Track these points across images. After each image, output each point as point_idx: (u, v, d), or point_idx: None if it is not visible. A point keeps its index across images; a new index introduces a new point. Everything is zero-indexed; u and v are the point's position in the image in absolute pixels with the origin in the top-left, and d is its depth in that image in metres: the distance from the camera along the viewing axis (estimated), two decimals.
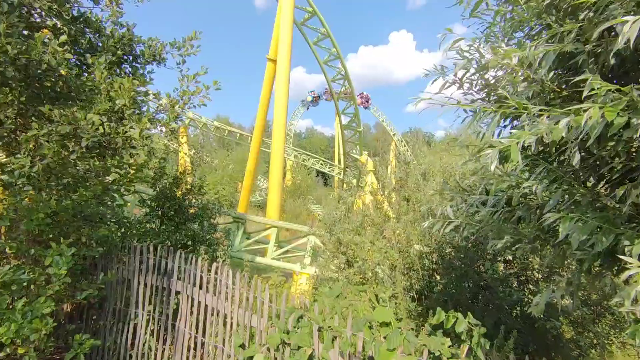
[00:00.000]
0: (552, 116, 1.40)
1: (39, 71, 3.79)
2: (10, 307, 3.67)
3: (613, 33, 1.52)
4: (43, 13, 4.24)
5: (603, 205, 1.61)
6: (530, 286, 6.24)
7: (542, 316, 5.01)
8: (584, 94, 1.38)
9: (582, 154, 1.57)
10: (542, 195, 1.63)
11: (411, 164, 6.97)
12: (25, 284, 3.89)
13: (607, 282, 1.76)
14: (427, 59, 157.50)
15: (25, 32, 4.12)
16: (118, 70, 4.65)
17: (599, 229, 1.48)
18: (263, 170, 44.91)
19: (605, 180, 1.79)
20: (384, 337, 2.31)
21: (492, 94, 2.69)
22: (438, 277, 6.06)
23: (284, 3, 16.69)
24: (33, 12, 4.22)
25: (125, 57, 4.80)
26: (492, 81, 2.64)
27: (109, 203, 4.93)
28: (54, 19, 4.35)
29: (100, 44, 4.68)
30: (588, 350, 5.74)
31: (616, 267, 1.78)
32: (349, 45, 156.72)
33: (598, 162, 1.68)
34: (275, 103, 16.17)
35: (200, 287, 4.83)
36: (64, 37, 3.65)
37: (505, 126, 3.38)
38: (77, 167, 4.39)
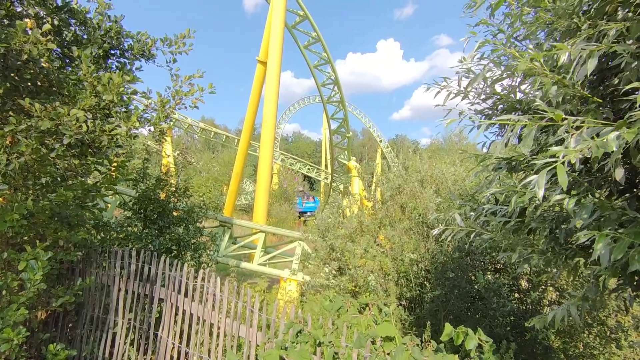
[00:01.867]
0: (591, 128, 1.31)
1: (18, 62, 3.53)
2: None
3: None
4: (25, 1, 3.98)
5: (632, 219, 1.53)
6: (517, 295, 6.25)
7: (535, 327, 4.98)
8: (639, 102, 1.29)
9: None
10: (572, 209, 1.54)
11: (408, 170, 6.90)
12: None
13: (626, 297, 1.69)
14: (413, 67, 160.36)
15: (6, 22, 3.85)
16: (104, 65, 4.41)
17: (631, 247, 1.40)
18: (249, 173, 44.43)
19: (635, 194, 1.73)
20: (388, 354, 2.18)
21: (500, 103, 2.63)
22: (430, 286, 5.99)
23: (276, 5, 16.58)
24: (14, 0, 3.97)
25: (112, 51, 4.56)
26: (501, 90, 2.57)
27: (89, 204, 4.65)
28: (37, 8, 4.09)
29: (86, 36, 4.43)
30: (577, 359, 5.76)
31: (635, 282, 1.72)
32: (337, 52, 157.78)
33: (629, 177, 1.62)
34: (265, 105, 15.96)
35: (186, 295, 4.60)
36: (47, 26, 3.41)
37: (499, 134, 3.35)
38: (57, 166, 4.12)
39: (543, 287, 6.04)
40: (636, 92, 1.49)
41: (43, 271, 3.64)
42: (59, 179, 4.29)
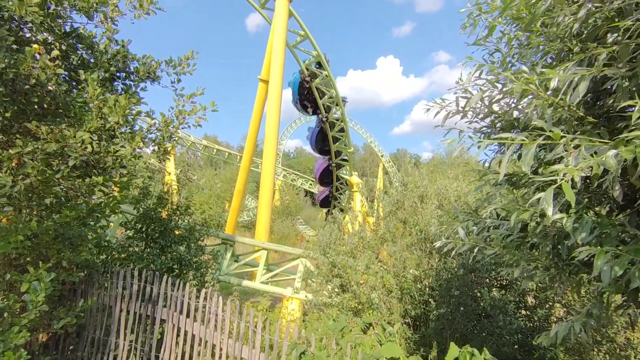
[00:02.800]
0: (587, 146, 1.34)
1: (26, 86, 3.62)
2: None
3: None
4: (34, 28, 4.12)
5: (632, 236, 1.54)
6: (523, 312, 6.15)
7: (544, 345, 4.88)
8: (634, 119, 1.32)
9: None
10: (571, 227, 1.56)
11: (408, 186, 6.92)
12: None
13: (631, 314, 1.68)
14: (413, 83, 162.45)
15: (14, 47, 3.97)
16: (110, 87, 4.52)
17: (632, 263, 1.40)
18: (250, 189, 44.47)
19: (635, 211, 1.74)
20: None
21: (497, 121, 2.67)
22: (434, 304, 5.90)
23: (277, 26, 16.99)
24: (23, 26, 4.10)
25: (118, 74, 4.68)
26: (498, 109, 2.62)
27: (92, 224, 4.67)
28: (45, 34, 4.22)
29: (93, 60, 4.56)
30: None
31: (639, 299, 1.70)
32: (338, 69, 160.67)
33: (629, 194, 1.63)
34: (267, 122, 16.14)
35: (188, 315, 4.56)
36: (55, 52, 3.51)
37: (498, 152, 3.37)
38: (61, 187, 4.16)
39: (550, 303, 5.95)
40: (630, 109, 1.52)
41: (46, 292, 3.63)
42: (62, 199, 4.32)
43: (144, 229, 6.35)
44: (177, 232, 6.85)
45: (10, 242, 3.67)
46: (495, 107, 2.74)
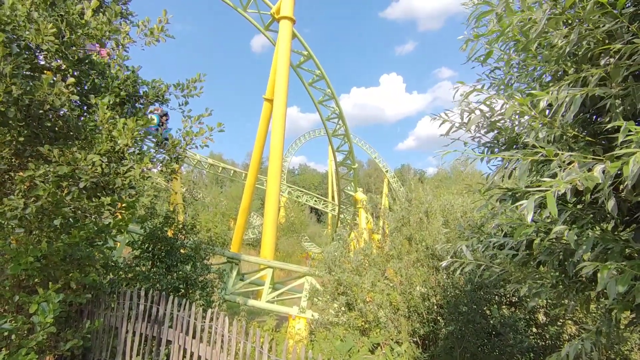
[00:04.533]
0: (582, 162, 1.38)
1: (40, 111, 3.75)
2: None
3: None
4: (49, 55, 4.29)
5: (637, 251, 1.55)
6: (534, 329, 6.01)
7: None
8: (620, 139, 1.37)
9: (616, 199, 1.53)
10: (574, 241, 1.57)
11: (412, 202, 6.92)
12: (6, 333, 3.59)
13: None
14: (416, 100, 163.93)
15: (28, 73, 4.14)
16: (121, 111, 4.65)
17: (637, 279, 1.40)
18: (256, 206, 44.52)
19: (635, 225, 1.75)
20: None
21: (501, 137, 2.72)
22: (443, 322, 5.80)
23: (281, 47, 17.43)
24: (39, 54, 4.28)
25: (128, 98, 4.82)
26: (500, 125, 2.67)
27: (99, 243, 4.72)
28: (59, 61, 4.39)
29: (103, 85, 4.72)
30: None
31: None
32: (342, 87, 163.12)
33: (632, 209, 1.65)
34: (272, 140, 16.34)
35: (194, 336, 4.52)
36: (71, 80, 3.66)
37: (504, 167, 3.40)
38: (70, 207, 4.24)
39: (561, 320, 5.82)
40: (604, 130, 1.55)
41: (54, 314, 3.64)
42: (71, 220, 4.39)
43: (150, 248, 6.38)
44: (183, 251, 6.87)
45: (20, 264, 3.72)
46: (499, 123, 2.79)
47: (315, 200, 46.00)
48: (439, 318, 5.95)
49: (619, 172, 1.27)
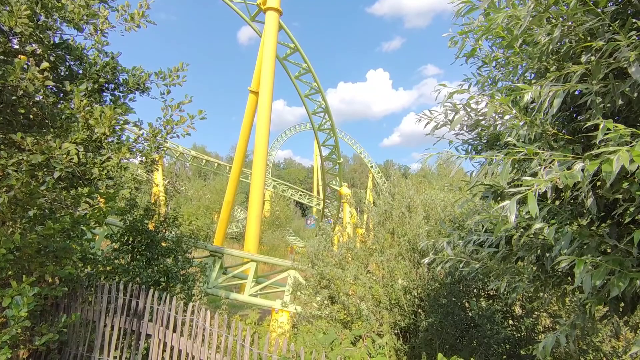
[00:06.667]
0: (562, 161, 1.41)
1: (13, 97, 3.58)
2: None
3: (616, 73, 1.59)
4: (23, 39, 4.09)
5: (612, 247, 1.60)
6: (510, 321, 6.21)
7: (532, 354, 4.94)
8: (599, 138, 1.40)
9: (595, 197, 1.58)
10: (552, 237, 1.62)
11: (395, 197, 6.99)
12: None
13: (614, 325, 1.73)
14: (402, 96, 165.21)
15: (2, 58, 3.94)
16: (99, 99, 4.49)
17: (611, 273, 1.45)
18: (240, 200, 44.13)
19: (615, 222, 1.81)
20: None
21: (484, 134, 2.76)
22: (424, 315, 5.92)
23: (267, 38, 17.19)
24: (12, 37, 4.08)
25: (106, 86, 4.66)
26: (484, 122, 2.71)
27: (77, 236, 4.58)
28: (34, 45, 4.20)
29: (81, 72, 4.54)
30: None
31: (621, 310, 1.76)
32: (328, 82, 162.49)
33: (608, 205, 1.70)
34: (257, 133, 16.17)
35: (174, 330, 4.46)
36: (45, 64, 3.50)
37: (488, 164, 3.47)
38: (46, 198, 4.09)
39: (536, 313, 6.02)
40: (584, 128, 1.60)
41: (28, 307, 3.53)
42: (47, 211, 4.23)
43: (130, 241, 6.24)
44: (164, 244, 6.76)
45: None
46: (482, 121, 2.83)
47: (300, 195, 45.97)
48: (419, 310, 6.06)
49: (597, 170, 1.31)
